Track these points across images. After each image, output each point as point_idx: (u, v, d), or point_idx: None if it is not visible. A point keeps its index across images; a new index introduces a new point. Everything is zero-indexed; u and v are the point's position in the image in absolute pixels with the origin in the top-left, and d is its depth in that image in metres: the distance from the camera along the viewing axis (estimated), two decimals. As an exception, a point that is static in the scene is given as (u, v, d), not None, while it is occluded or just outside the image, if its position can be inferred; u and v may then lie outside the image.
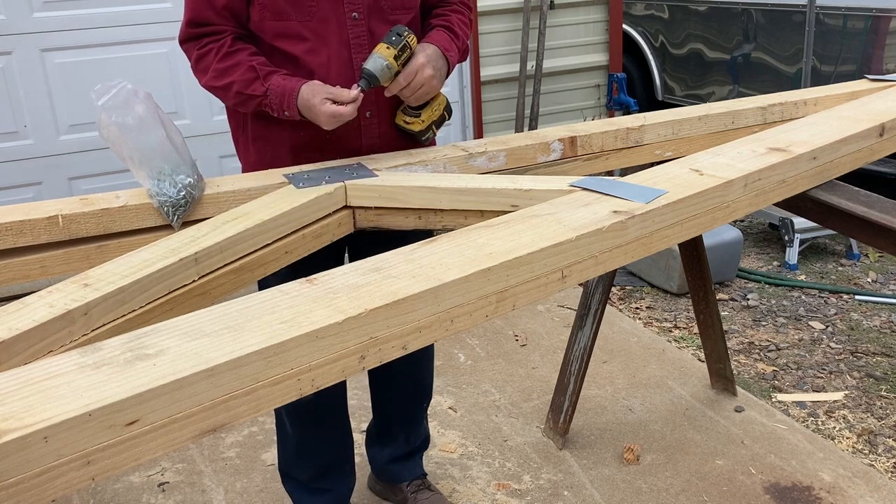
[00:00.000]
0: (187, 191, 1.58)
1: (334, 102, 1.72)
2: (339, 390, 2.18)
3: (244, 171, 1.96)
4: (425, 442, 2.44)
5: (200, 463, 2.67)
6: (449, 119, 1.94)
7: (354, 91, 1.73)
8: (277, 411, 2.15)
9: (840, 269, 4.10)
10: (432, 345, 2.26)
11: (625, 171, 2.06)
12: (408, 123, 1.89)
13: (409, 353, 1.20)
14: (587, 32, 4.96)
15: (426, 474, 2.45)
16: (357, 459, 2.60)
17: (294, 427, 2.14)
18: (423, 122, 1.88)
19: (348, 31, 1.80)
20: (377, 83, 1.76)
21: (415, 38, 1.79)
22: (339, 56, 1.81)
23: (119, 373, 0.96)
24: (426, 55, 1.80)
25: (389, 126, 1.92)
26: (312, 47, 1.80)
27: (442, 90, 1.93)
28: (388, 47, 1.75)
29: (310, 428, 2.14)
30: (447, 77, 1.90)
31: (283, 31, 1.79)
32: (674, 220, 1.52)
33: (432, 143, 2.02)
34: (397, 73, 1.77)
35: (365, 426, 2.79)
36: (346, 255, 2.04)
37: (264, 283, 1.59)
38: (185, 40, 1.83)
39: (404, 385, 2.30)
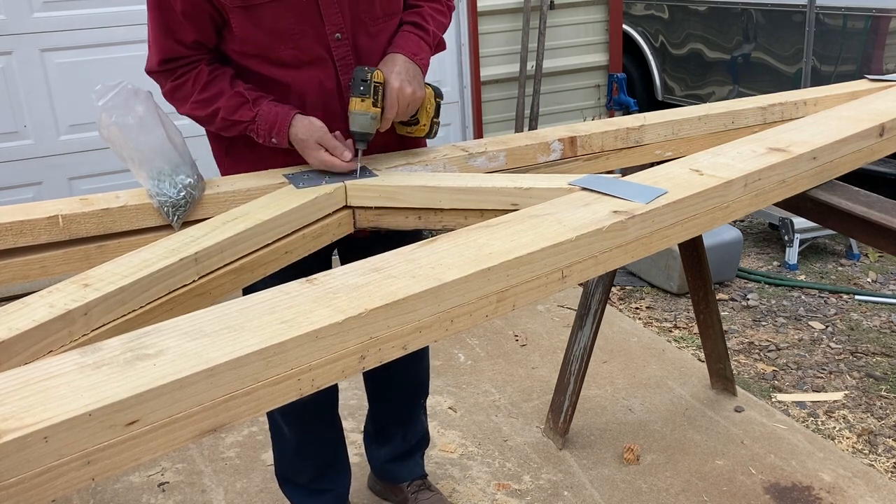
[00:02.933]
0: (187, 191, 1.58)
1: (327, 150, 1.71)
2: (333, 387, 2.18)
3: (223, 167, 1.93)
4: (424, 440, 2.43)
5: (200, 463, 2.67)
6: (442, 99, 1.91)
7: (351, 163, 1.72)
8: (272, 416, 2.15)
9: (840, 269, 4.11)
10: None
11: (625, 172, 2.06)
12: (410, 133, 1.88)
13: (408, 353, 1.20)
14: (587, 32, 4.96)
15: (426, 475, 2.45)
16: (357, 459, 2.60)
17: (292, 429, 2.13)
18: (423, 126, 1.87)
19: (333, 52, 1.75)
20: (370, 136, 1.75)
21: (379, 72, 1.73)
22: (325, 77, 1.77)
23: (119, 373, 0.96)
24: (397, 74, 1.74)
25: (386, 139, 1.88)
26: (298, 71, 1.75)
27: (439, 89, 1.92)
28: (361, 100, 1.70)
29: (307, 428, 2.14)
30: (426, 74, 1.85)
31: (267, 59, 1.74)
32: (674, 220, 1.52)
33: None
34: (382, 109, 1.74)
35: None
36: (337, 256, 2.03)
37: (250, 290, 1.58)
38: (155, 73, 1.76)
39: (399, 383, 2.29)
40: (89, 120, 3.58)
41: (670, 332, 3.50)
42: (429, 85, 1.87)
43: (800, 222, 4.00)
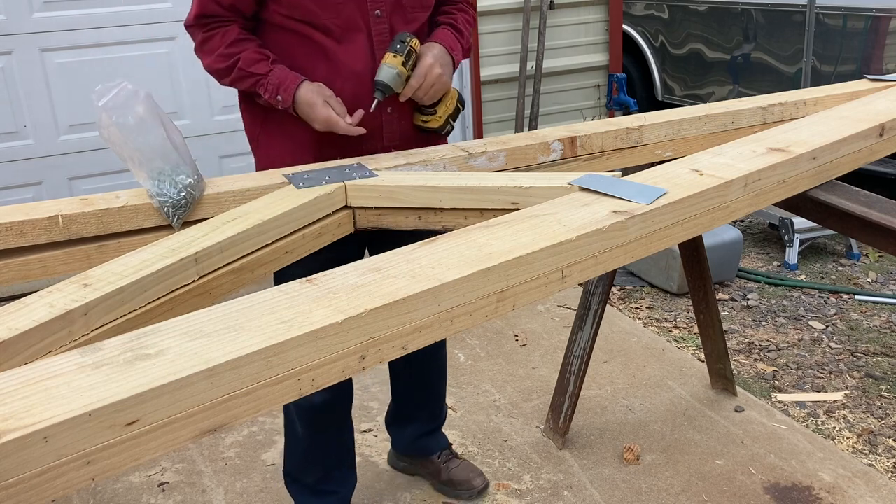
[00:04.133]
0: (187, 191, 1.58)
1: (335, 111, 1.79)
2: (348, 389, 2.22)
3: (260, 167, 1.98)
4: (445, 412, 2.54)
5: (200, 463, 2.67)
6: (463, 109, 2.01)
7: (354, 119, 1.80)
8: (288, 415, 2.18)
9: (840, 269, 4.11)
10: None
11: (625, 172, 2.06)
12: (425, 122, 1.93)
13: (408, 352, 1.20)
14: (587, 32, 4.96)
15: (451, 444, 2.54)
16: (357, 459, 2.61)
17: (306, 430, 2.15)
18: (439, 118, 1.93)
19: (371, 27, 1.85)
20: (391, 91, 1.82)
21: (418, 42, 1.85)
22: (362, 51, 1.86)
23: (119, 373, 0.96)
24: (433, 55, 1.86)
25: (410, 123, 1.97)
26: (337, 42, 1.85)
27: (463, 98, 1.99)
28: (394, 56, 1.80)
29: (321, 429, 2.17)
30: (455, 71, 1.96)
31: (309, 26, 1.83)
32: (674, 220, 1.52)
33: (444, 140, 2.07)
34: (408, 77, 1.83)
35: (365, 426, 2.80)
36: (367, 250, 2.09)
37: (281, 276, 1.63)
38: (191, 26, 1.87)
39: (423, 361, 2.34)
40: (89, 120, 3.58)
41: (670, 332, 3.50)
42: (455, 89, 1.96)
43: (800, 222, 4.00)
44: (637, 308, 3.75)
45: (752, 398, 2.92)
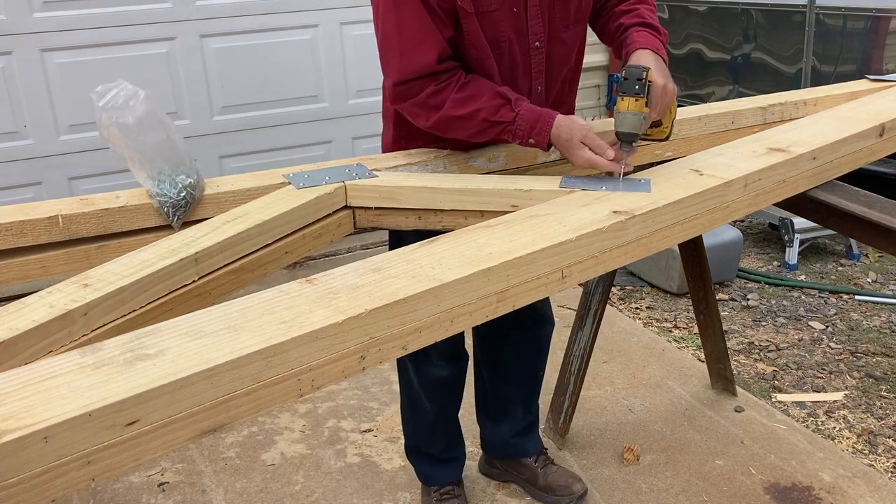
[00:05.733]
0: (187, 191, 1.58)
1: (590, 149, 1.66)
2: (466, 360, 2.29)
3: (389, 149, 1.96)
4: (538, 412, 2.50)
5: (200, 463, 2.67)
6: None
7: (615, 162, 1.63)
8: (412, 393, 2.24)
9: (840, 269, 4.10)
10: (549, 312, 2.33)
11: (625, 172, 2.05)
12: (649, 135, 1.78)
13: (408, 352, 1.19)
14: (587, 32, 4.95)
15: (547, 448, 2.51)
16: (356, 459, 2.60)
17: (434, 402, 2.23)
18: (665, 128, 1.79)
19: (531, 59, 1.82)
20: (638, 138, 1.65)
21: (651, 71, 1.63)
22: (521, 85, 1.82)
23: (119, 373, 0.96)
24: (658, 71, 1.67)
25: (556, 98, 1.93)
26: (499, 77, 1.79)
27: None
28: (635, 99, 1.60)
29: (446, 400, 2.26)
30: None
31: (477, 62, 1.76)
32: (674, 220, 1.52)
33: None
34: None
35: (365, 426, 2.80)
36: None
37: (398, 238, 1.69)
38: (424, 77, 1.69)
39: (524, 356, 2.35)
40: (89, 120, 3.56)
41: (670, 332, 3.50)
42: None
43: (800, 222, 4.00)
44: (637, 308, 3.75)
45: (752, 398, 2.92)
